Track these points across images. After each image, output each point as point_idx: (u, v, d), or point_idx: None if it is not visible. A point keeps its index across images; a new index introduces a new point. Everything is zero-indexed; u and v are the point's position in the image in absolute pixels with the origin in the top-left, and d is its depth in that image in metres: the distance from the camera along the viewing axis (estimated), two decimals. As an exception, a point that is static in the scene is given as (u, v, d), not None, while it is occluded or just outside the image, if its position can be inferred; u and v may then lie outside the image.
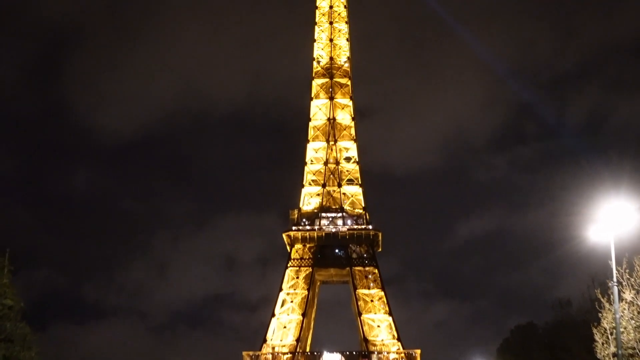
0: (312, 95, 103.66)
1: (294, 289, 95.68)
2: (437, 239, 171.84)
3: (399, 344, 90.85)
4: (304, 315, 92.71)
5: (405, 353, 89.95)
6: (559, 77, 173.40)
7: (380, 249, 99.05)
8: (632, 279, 29.39)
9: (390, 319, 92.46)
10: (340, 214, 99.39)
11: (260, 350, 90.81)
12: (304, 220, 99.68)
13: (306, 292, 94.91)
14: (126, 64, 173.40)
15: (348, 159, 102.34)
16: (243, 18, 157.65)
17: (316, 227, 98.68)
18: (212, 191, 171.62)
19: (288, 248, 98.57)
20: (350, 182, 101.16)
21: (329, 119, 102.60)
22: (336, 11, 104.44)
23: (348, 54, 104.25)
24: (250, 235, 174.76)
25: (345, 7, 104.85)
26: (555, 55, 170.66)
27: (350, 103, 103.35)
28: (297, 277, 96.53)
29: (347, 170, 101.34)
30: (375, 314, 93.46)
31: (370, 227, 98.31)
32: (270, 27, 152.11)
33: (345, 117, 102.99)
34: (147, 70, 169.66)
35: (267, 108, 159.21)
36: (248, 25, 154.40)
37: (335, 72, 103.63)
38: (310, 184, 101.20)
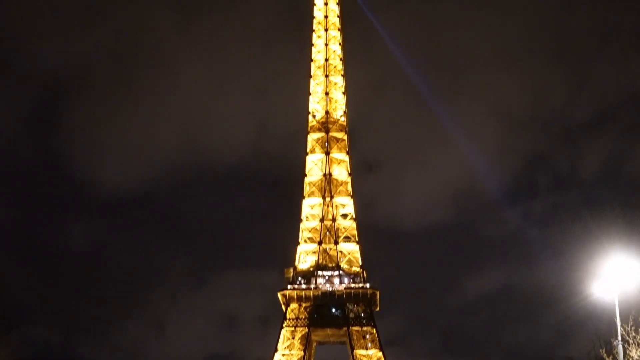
0: (308, 150, 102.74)
1: (290, 350, 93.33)
2: (444, 295, 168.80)
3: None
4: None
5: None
6: (573, 127, 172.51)
7: (378, 308, 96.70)
8: (639, 337, 27.09)
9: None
10: (337, 272, 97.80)
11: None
12: (299, 278, 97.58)
13: (302, 352, 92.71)
14: (127, 115, 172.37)
15: (345, 216, 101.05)
16: (249, 68, 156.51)
17: (312, 286, 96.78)
18: (211, 247, 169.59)
19: (283, 307, 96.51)
20: (347, 239, 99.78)
21: (324, 175, 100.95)
22: (332, 64, 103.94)
23: (344, 107, 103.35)
24: (251, 293, 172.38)
25: (341, 59, 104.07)
26: (568, 105, 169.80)
27: (347, 158, 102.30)
28: (293, 338, 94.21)
29: (344, 227, 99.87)
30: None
31: (367, 285, 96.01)
32: (277, 77, 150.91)
33: (341, 173, 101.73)
34: (149, 121, 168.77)
35: (270, 161, 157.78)
36: (254, 76, 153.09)
37: (331, 126, 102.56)
38: (306, 242, 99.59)
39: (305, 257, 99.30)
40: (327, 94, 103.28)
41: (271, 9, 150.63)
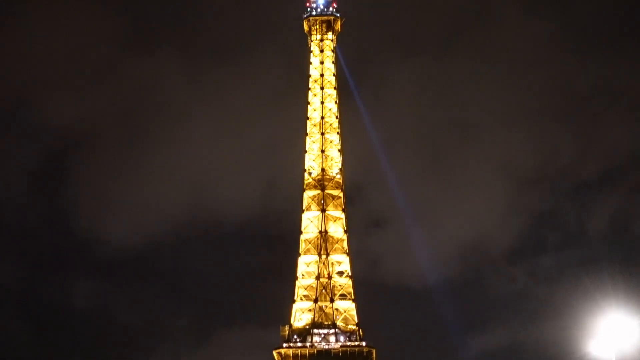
0: (304, 207, 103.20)
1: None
2: (447, 353, 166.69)
3: None
4: None
5: None
6: (581, 185, 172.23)
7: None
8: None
9: None
10: (332, 330, 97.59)
11: None
12: (295, 336, 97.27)
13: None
14: (135, 171, 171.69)
15: (341, 273, 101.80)
16: (259, 124, 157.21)
17: (308, 344, 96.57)
18: (214, 304, 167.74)
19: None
20: (343, 297, 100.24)
21: (320, 232, 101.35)
22: (327, 122, 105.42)
23: (340, 165, 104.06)
24: (252, 351, 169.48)
25: (336, 117, 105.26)
26: (577, 163, 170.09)
27: (343, 215, 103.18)
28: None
29: (340, 285, 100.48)
30: None
31: (363, 343, 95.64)
32: (287, 133, 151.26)
33: (337, 230, 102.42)
34: (157, 177, 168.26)
35: (276, 218, 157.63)
36: (263, 132, 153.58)
37: (327, 184, 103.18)
38: (301, 299, 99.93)
39: (301, 314, 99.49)
40: (322, 151, 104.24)
41: (282, 65, 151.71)
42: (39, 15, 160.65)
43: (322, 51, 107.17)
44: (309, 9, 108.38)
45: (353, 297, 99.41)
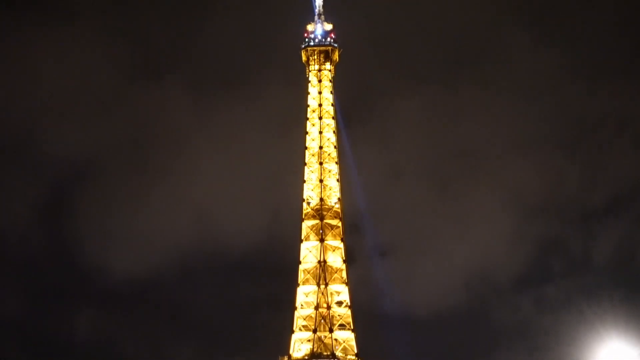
0: (302, 237, 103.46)
1: None
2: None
3: None
4: None
5: None
6: (587, 213, 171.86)
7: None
8: None
9: None
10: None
11: None
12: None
13: None
14: (140, 201, 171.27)
15: (340, 303, 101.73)
16: (265, 153, 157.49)
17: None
18: (217, 335, 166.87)
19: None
20: (342, 327, 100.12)
21: (319, 262, 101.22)
22: (326, 152, 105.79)
23: (339, 194, 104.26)
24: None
25: (335, 147, 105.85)
26: (583, 191, 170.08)
27: (342, 245, 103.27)
28: None
29: (339, 315, 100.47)
30: None
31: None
32: (292, 162, 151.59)
33: (336, 260, 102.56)
34: (162, 207, 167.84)
35: (281, 248, 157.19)
36: (269, 161, 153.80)
37: (325, 213, 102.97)
38: (300, 330, 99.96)
39: (300, 345, 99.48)
40: (321, 181, 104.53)
41: (287, 94, 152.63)
42: (45, 46, 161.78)
43: (320, 81, 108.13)
44: (307, 40, 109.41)
45: (352, 327, 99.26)
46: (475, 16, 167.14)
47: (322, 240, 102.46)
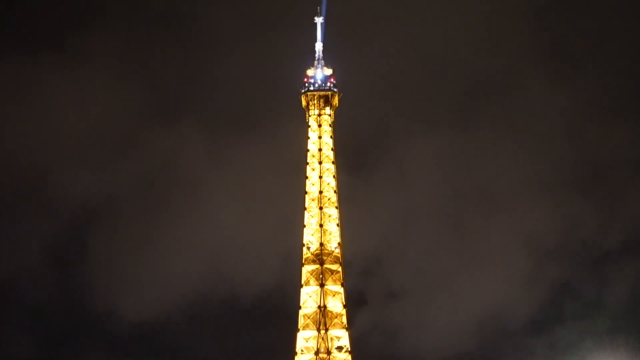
0: (302, 282, 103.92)
1: None
2: None
3: None
4: None
5: None
6: (602, 256, 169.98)
7: None
8: None
9: None
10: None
11: None
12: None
13: None
14: (152, 244, 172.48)
15: (340, 348, 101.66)
16: (278, 196, 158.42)
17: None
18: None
19: None
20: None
21: (319, 307, 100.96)
22: (326, 196, 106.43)
23: (339, 239, 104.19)
24: None
25: (335, 192, 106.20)
26: (598, 234, 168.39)
27: (342, 290, 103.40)
28: None
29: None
30: None
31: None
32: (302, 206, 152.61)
33: (336, 305, 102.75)
34: (174, 251, 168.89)
35: (293, 293, 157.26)
36: (282, 205, 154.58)
37: (325, 258, 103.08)
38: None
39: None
40: (321, 225, 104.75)
41: (300, 137, 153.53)
42: (60, 88, 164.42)
43: (320, 126, 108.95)
44: (306, 84, 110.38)
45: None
46: (490, 58, 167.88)
47: (322, 285, 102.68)
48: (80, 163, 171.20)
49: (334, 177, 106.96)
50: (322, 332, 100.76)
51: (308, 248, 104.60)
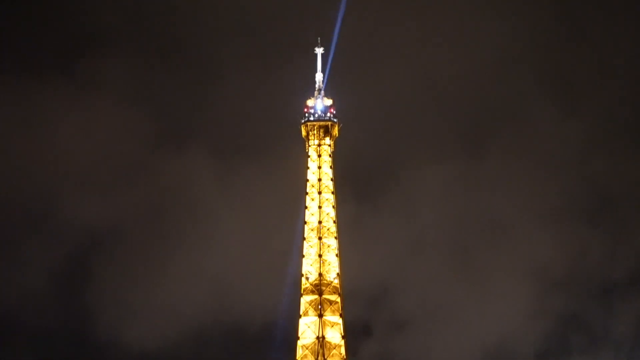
0: (301, 312, 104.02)
1: None
2: None
3: None
4: None
5: None
6: (609, 287, 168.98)
7: None
8: None
9: None
10: None
11: None
12: None
13: None
14: (158, 272, 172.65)
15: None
16: (284, 224, 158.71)
17: None
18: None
19: None
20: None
21: (317, 338, 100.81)
22: (325, 226, 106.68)
23: (338, 270, 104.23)
24: None
25: (334, 222, 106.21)
26: (605, 264, 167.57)
27: (340, 321, 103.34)
28: None
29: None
30: None
31: None
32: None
33: (334, 336, 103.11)
34: (180, 278, 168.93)
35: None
36: (289, 232, 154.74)
37: (324, 289, 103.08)
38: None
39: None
40: (320, 256, 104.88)
41: (305, 166, 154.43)
42: (68, 115, 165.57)
43: (319, 156, 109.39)
44: (306, 114, 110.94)
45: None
46: (499, 88, 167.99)
47: (320, 316, 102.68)
48: (87, 189, 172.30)
49: (333, 207, 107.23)
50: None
51: (307, 278, 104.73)
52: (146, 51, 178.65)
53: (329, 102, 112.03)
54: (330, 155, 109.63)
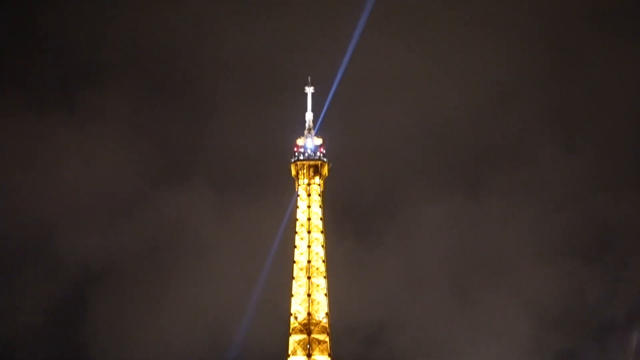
0: (289, 352, 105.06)
1: None
2: None
3: None
4: None
5: None
6: (607, 325, 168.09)
7: None
8: None
9: None
10: None
11: None
12: None
13: None
14: (156, 308, 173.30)
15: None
16: (282, 262, 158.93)
17: None
18: None
19: None
20: None
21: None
22: (314, 266, 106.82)
23: (326, 309, 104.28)
24: None
25: (323, 261, 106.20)
26: (604, 303, 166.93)
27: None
28: None
29: None
30: None
31: None
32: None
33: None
34: (177, 315, 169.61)
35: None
36: (286, 270, 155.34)
37: (313, 328, 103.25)
38: None
39: None
40: (309, 295, 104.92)
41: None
42: (69, 148, 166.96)
43: (309, 195, 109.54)
44: (296, 154, 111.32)
45: None
46: (499, 124, 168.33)
47: (309, 356, 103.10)
48: (86, 223, 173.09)
49: (322, 246, 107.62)
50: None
51: (295, 317, 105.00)
52: (146, 86, 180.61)
53: (318, 141, 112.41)
54: (319, 195, 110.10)
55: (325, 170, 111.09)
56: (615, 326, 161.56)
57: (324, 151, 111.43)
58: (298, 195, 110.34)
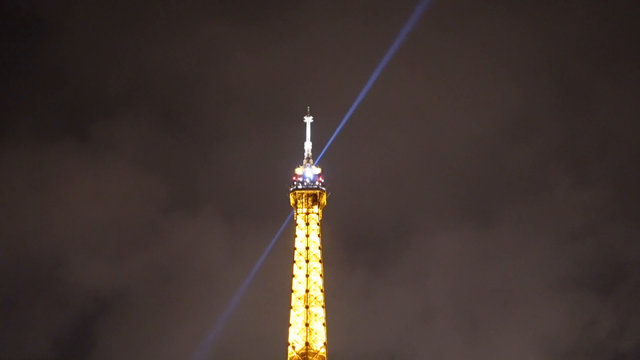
0: None
1: None
2: None
3: None
4: None
5: None
6: (618, 358, 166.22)
7: None
8: None
9: None
10: None
11: None
12: None
13: None
14: (164, 339, 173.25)
15: None
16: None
17: None
18: None
19: None
20: None
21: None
22: (312, 295, 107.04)
23: (324, 339, 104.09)
24: None
25: (321, 291, 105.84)
26: (615, 336, 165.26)
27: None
28: None
29: None
30: None
31: None
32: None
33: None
34: (185, 344, 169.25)
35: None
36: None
37: (311, 358, 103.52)
38: None
39: None
40: (307, 325, 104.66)
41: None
42: (81, 176, 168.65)
43: (307, 224, 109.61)
44: (295, 183, 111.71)
45: None
46: (512, 155, 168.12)
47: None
48: (96, 253, 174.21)
49: (320, 275, 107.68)
50: None
51: (293, 347, 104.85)
52: (160, 114, 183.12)
53: (317, 170, 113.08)
54: (318, 224, 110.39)
55: (323, 199, 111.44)
56: (627, 359, 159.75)
57: (323, 180, 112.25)
58: (296, 225, 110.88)
